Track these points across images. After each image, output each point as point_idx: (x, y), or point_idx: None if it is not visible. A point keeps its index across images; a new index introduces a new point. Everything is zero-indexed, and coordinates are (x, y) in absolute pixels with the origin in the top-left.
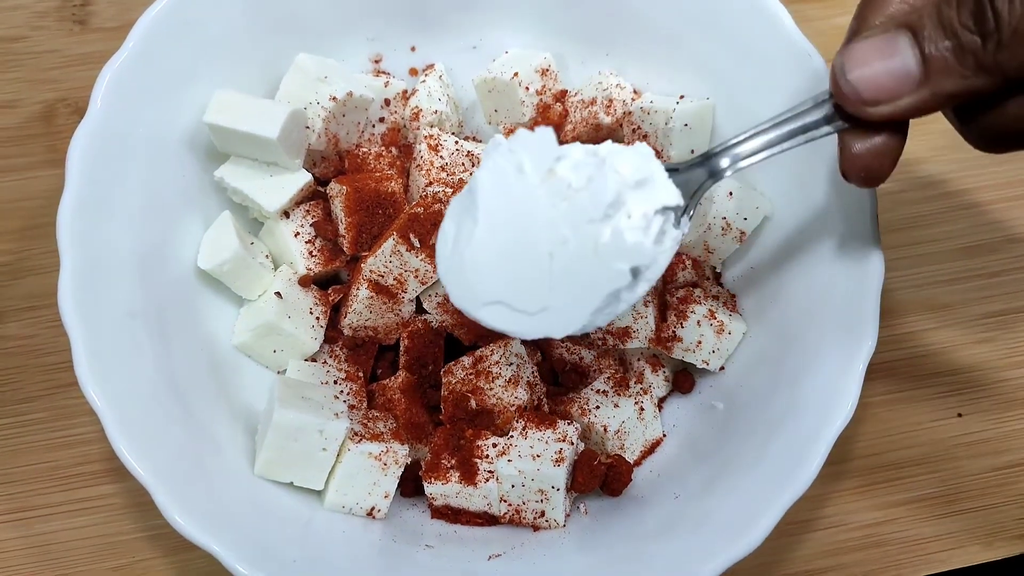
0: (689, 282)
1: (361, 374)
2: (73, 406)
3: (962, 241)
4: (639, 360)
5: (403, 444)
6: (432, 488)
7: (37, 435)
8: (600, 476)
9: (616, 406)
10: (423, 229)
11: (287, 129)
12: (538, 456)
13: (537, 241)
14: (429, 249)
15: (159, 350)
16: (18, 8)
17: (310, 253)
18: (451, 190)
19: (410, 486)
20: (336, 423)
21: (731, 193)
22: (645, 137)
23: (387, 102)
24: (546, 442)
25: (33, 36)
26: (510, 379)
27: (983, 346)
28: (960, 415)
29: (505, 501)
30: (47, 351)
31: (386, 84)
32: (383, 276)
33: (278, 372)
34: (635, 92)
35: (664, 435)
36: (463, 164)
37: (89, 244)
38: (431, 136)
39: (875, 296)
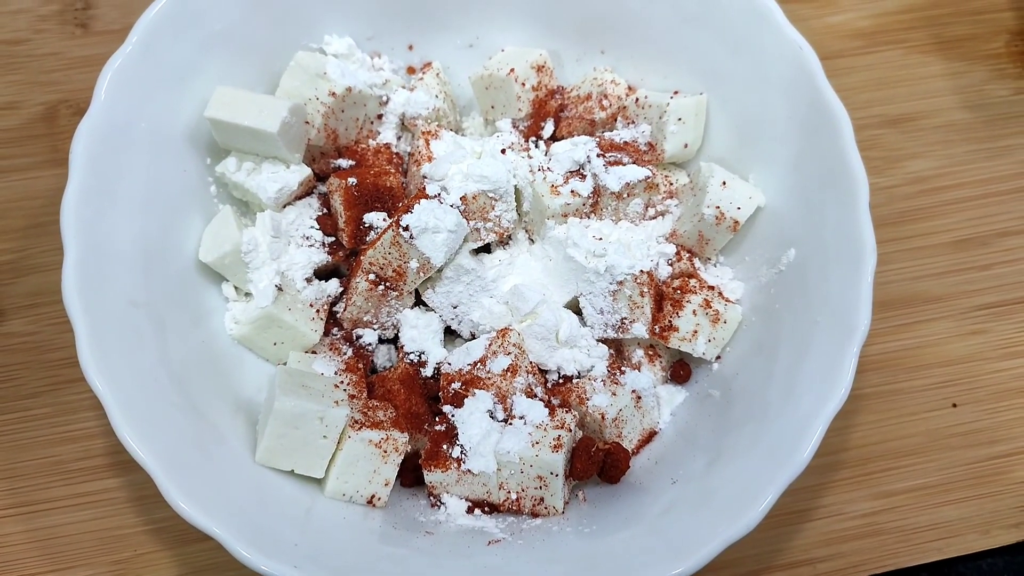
0: (685, 272)
1: (361, 365)
2: (75, 402)
3: (954, 235)
4: (636, 350)
5: (403, 432)
6: (432, 476)
7: (40, 430)
8: (598, 463)
9: (613, 394)
10: None
11: (287, 124)
12: (537, 443)
13: None
14: None
15: (161, 340)
16: (20, 12)
17: (310, 247)
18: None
19: (410, 477)
20: (337, 410)
21: (724, 183)
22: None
23: (385, 99)
24: (544, 429)
25: (35, 39)
26: (508, 368)
27: (976, 338)
28: (955, 405)
29: (504, 488)
30: (49, 348)
31: (384, 81)
32: (383, 268)
33: (278, 364)
34: (629, 88)
35: (659, 426)
36: (459, 159)
37: (92, 234)
38: (428, 132)
39: (868, 281)
